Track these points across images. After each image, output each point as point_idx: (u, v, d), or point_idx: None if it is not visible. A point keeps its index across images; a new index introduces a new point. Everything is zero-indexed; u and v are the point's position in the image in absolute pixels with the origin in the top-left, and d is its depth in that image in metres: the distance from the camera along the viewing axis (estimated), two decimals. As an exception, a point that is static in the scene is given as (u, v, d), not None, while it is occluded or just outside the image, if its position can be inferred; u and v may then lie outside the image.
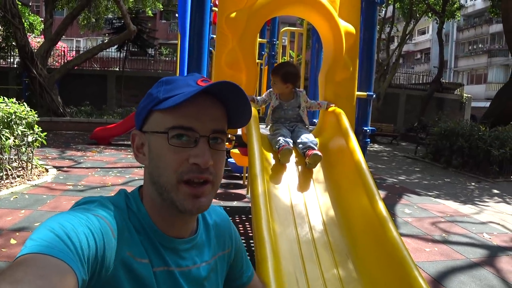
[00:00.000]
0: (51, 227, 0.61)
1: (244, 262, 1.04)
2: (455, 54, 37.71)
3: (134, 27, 15.55)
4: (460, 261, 3.94)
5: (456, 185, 8.43)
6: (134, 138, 0.83)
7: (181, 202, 0.76)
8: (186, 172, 0.75)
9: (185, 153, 0.75)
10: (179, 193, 0.75)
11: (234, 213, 5.01)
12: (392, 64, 20.61)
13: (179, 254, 0.81)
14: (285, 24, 17.45)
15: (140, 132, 0.81)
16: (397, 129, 18.95)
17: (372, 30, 3.36)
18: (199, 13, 2.99)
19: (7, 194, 5.15)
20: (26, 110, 5.99)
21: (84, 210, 0.69)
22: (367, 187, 2.26)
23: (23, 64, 13.81)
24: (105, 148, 10.23)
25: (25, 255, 0.56)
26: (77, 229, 0.62)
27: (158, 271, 0.76)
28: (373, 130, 3.36)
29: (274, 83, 2.90)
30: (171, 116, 0.75)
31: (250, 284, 1.06)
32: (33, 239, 0.59)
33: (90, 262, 0.62)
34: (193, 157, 0.75)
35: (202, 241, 0.88)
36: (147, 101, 0.80)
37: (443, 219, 5.48)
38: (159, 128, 0.76)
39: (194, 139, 0.75)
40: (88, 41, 29.71)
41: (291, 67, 2.97)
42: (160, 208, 0.79)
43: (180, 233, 0.82)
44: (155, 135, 0.77)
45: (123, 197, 0.81)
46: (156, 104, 0.77)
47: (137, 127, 0.83)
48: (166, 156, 0.75)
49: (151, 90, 0.81)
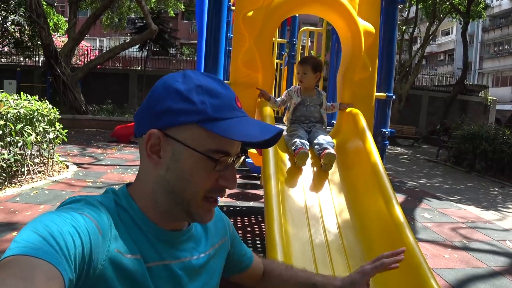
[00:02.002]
0: (36, 228, 0.60)
1: (242, 247, 1.06)
2: (480, 55, 36.85)
3: (156, 27, 15.71)
4: (481, 269, 3.82)
5: (479, 190, 8.22)
6: (150, 137, 0.74)
7: (200, 215, 0.77)
8: (213, 191, 0.77)
9: (216, 174, 0.75)
10: (200, 208, 0.77)
11: (250, 213, 4.99)
12: (414, 65, 20.25)
13: (176, 247, 0.81)
14: (306, 24, 17.33)
15: (163, 135, 0.73)
16: (418, 131, 18.63)
17: (393, 30, 3.28)
18: (216, 13, 2.98)
19: (28, 189, 5.25)
20: (48, 108, 6.11)
21: (70, 210, 0.68)
22: (383, 190, 2.20)
23: (48, 63, 14.11)
24: (125, 146, 10.36)
25: (8, 257, 0.55)
26: (62, 229, 0.61)
27: (153, 266, 0.75)
28: (392, 132, 3.29)
29: (305, 74, 2.87)
30: (218, 140, 0.72)
31: (252, 266, 1.08)
32: (17, 241, 0.58)
33: (77, 261, 0.60)
34: (225, 180, 0.76)
35: (198, 233, 0.89)
36: (186, 107, 0.72)
37: (464, 225, 5.33)
38: (197, 146, 0.72)
39: (226, 165, 0.75)
40: (111, 41, 30.20)
41: (316, 58, 3.02)
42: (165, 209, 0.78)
43: (175, 226, 0.82)
44: (191, 150, 0.72)
45: (110, 195, 0.79)
46: (204, 121, 0.71)
47: (156, 124, 0.73)
48: (197, 174, 0.74)
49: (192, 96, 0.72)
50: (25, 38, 17.92)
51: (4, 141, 5.10)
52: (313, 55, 8.37)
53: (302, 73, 2.88)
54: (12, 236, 3.66)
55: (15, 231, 3.78)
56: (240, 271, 1.06)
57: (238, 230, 4.30)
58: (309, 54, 7.88)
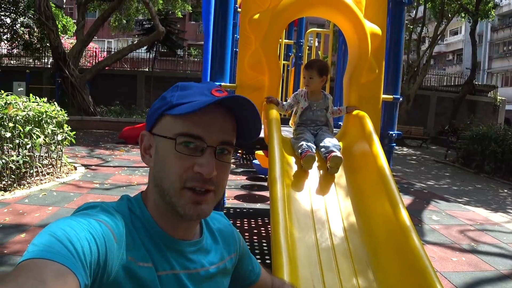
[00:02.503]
0: (53, 232, 0.61)
1: (250, 262, 1.06)
2: (489, 55, 36.48)
3: (163, 28, 15.79)
4: (489, 272, 3.79)
5: (488, 191, 8.14)
6: (143, 138, 0.82)
7: (183, 207, 0.76)
8: (190, 180, 0.76)
9: (190, 160, 0.75)
10: (182, 199, 0.76)
11: (257, 215, 4.99)
12: (422, 65, 20.12)
13: (186, 256, 0.81)
14: (313, 25, 17.30)
15: (150, 134, 0.81)
16: (427, 132, 18.50)
17: (399, 31, 3.26)
18: (222, 15, 2.99)
19: (37, 191, 5.30)
20: (57, 110, 6.16)
21: (86, 216, 0.69)
22: (390, 194, 2.19)
23: (56, 65, 14.25)
24: (133, 147, 10.41)
25: (27, 260, 0.56)
26: (79, 234, 0.62)
27: (163, 275, 0.76)
28: (399, 134, 3.27)
29: (311, 78, 2.86)
30: (182, 123, 0.76)
31: (260, 280, 1.08)
32: (35, 244, 0.59)
33: (92, 267, 0.62)
34: (198, 166, 0.75)
35: (208, 245, 0.89)
36: (160, 103, 0.80)
37: (472, 227, 5.29)
38: (168, 133, 0.77)
39: (201, 148, 0.76)
40: (118, 42, 30.36)
41: (322, 61, 3.02)
42: (163, 210, 0.80)
43: (185, 235, 0.83)
44: (163, 139, 0.77)
45: (125, 202, 0.81)
46: (169, 109, 0.77)
47: (147, 128, 0.83)
48: (171, 161, 0.76)
49: (166, 94, 0.81)
50: (34, 40, 18.11)
51: (13, 143, 5.16)
52: (319, 56, 8.37)
53: (308, 78, 2.87)
54: (21, 237, 3.70)
55: (24, 232, 3.81)
56: (245, 286, 1.06)
57: (244, 232, 4.30)
58: (316, 56, 7.85)
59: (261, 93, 3.01)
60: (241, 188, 6.55)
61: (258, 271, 1.08)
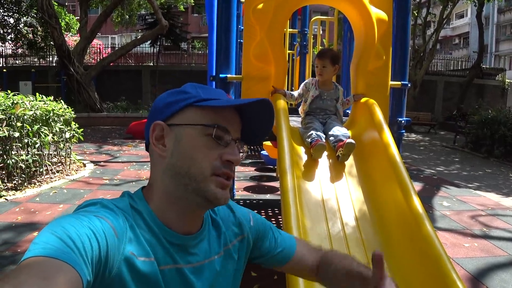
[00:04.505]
0: (54, 230, 0.62)
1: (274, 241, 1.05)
2: (496, 37, 35.98)
3: (166, 22, 15.74)
4: (502, 257, 3.76)
5: (498, 176, 8.07)
6: (155, 128, 0.82)
7: (213, 192, 0.79)
8: (219, 167, 0.80)
9: (217, 150, 0.80)
10: (211, 184, 0.79)
11: (266, 206, 4.99)
12: (429, 50, 19.88)
13: (188, 251, 0.82)
14: (317, 13, 17.13)
15: (165, 124, 0.82)
16: (435, 117, 18.34)
17: (406, 16, 3.21)
18: (225, 6, 2.96)
19: (47, 189, 5.34)
20: (64, 108, 6.18)
21: (86, 213, 0.70)
22: (401, 181, 2.17)
23: (61, 63, 14.27)
24: (140, 142, 10.43)
25: (29, 259, 0.57)
26: (80, 231, 0.63)
27: (166, 269, 0.77)
28: (408, 120, 3.24)
29: (324, 67, 2.85)
30: (213, 115, 0.81)
31: (294, 258, 1.05)
32: (37, 242, 0.60)
33: (94, 263, 0.63)
34: (228, 154, 0.80)
35: (210, 234, 0.90)
36: (183, 96, 0.83)
37: (484, 213, 5.25)
38: (195, 122, 0.80)
39: (226, 141, 0.81)
40: (122, 38, 30.35)
41: (334, 50, 3.02)
42: (173, 202, 0.81)
43: (188, 229, 0.84)
44: (190, 127, 0.80)
45: (126, 198, 0.82)
46: (199, 101, 0.81)
47: (159, 118, 0.83)
48: (199, 150, 0.79)
49: (188, 89, 0.84)
50: (38, 39, 18.16)
51: (22, 142, 5.19)
52: (325, 45, 8.29)
53: (321, 67, 2.85)
54: (33, 236, 3.73)
55: (36, 231, 3.85)
56: (279, 263, 1.05)
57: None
58: (322, 44, 7.79)
59: (268, 84, 2.99)
60: (250, 179, 6.55)
61: (290, 247, 1.06)
